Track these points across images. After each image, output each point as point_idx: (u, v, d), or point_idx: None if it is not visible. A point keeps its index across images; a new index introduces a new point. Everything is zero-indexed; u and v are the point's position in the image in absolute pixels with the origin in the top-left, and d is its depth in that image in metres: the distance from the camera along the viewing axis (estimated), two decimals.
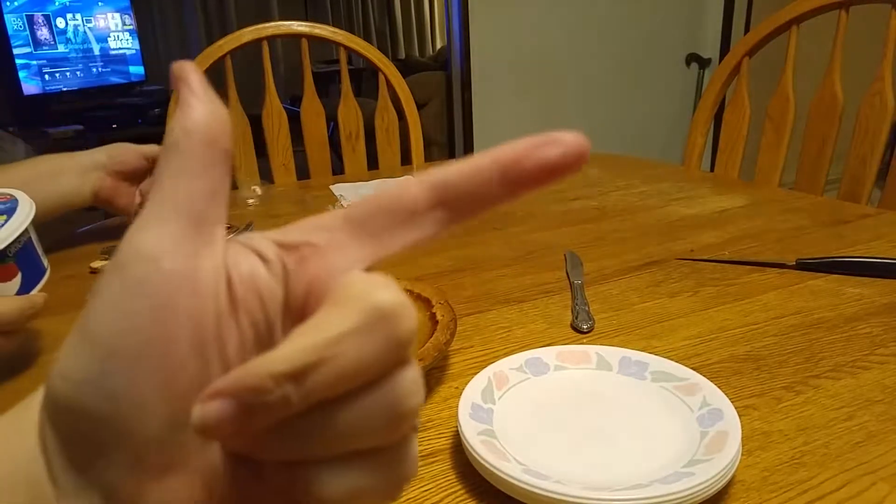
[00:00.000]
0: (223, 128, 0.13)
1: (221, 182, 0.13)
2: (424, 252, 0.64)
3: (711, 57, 2.34)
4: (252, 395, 0.10)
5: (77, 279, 0.61)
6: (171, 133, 0.13)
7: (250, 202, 0.89)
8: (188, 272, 0.12)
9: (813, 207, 0.72)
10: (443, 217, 0.14)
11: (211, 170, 0.13)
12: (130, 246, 0.12)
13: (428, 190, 0.14)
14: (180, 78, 0.13)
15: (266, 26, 0.99)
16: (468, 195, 0.13)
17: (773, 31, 0.86)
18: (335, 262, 0.13)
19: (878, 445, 0.32)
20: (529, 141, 0.13)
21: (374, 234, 0.14)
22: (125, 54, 3.09)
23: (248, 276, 0.13)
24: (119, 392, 0.12)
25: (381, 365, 0.12)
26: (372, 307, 0.12)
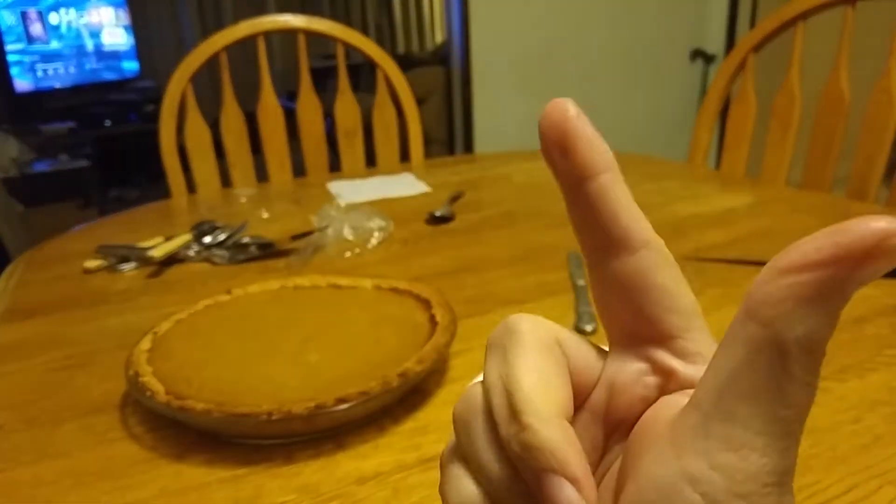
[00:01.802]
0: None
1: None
2: (424, 252, 0.64)
3: (716, 53, 2.33)
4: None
5: (70, 279, 0.61)
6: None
7: (243, 200, 0.88)
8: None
9: (820, 206, 0.72)
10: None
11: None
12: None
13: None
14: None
15: (262, 21, 0.97)
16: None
17: (778, 26, 0.85)
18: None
19: (886, 448, 0.32)
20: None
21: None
22: (119, 50, 3.07)
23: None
24: None
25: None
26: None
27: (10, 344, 0.49)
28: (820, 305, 0.10)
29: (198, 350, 0.41)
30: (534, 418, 0.12)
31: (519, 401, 0.12)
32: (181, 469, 0.33)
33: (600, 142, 0.13)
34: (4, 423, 0.38)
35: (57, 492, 0.32)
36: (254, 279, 0.51)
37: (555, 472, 0.12)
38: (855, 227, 0.10)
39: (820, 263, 0.10)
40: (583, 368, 0.14)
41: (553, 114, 0.13)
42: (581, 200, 0.13)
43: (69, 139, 2.76)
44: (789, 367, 0.10)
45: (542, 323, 0.14)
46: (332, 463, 0.33)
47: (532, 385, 0.13)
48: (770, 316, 0.10)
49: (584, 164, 0.13)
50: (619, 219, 0.13)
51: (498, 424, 0.13)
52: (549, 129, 0.13)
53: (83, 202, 2.63)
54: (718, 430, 0.11)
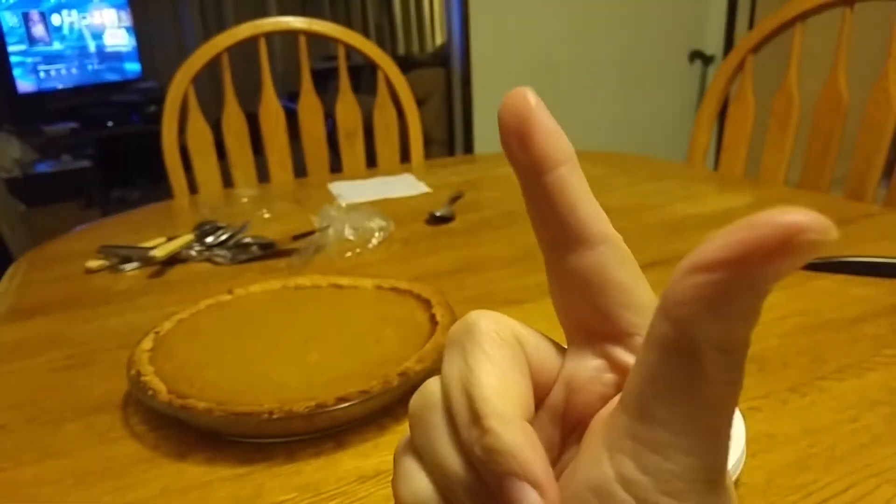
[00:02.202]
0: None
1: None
2: (424, 252, 0.64)
3: (715, 54, 2.33)
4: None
5: (72, 279, 0.61)
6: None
7: (245, 200, 0.88)
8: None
9: (818, 206, 0.70)
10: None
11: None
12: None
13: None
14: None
15: (263, 22, 0.98)
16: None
17: (777, 27, 0.85)
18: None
19: (884, 447, 0.32)
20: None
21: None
22: (121, 51, 3.07)
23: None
24: None
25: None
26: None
27: (12, 343, 0.49)
28: (730, 305, 0.09)
29: (199, 350, 0.41)
30: (495, 421, 0.12)
31: (480, 403, 0.12)
32: (183, 468, 0.34)
33: (559, 133, 0.13)
34: (6, 422, 0.38)
35: (58, 491, 0.32)
36: (255, 279, 0.51)
37: (517, 476, 0.11)
38: (764, 222, 0.09)
39: (725, 262, 0.09)
40: (542, 366, 0.14)
41: (512, 103, 0.12)
42: (539, 193, 0.13)
43: (71, 140, 2.77)
44: (704, 368, 0.10)
45: (502, 320, 0.14)
46: (333, 462, 0.33)
47: (492, 386, 0.12)
48: (679, 316, 0.10)
49: (542, 156, 0.12)
50: (577, 212, 0.13)
51: (458, 426, 0.12)
52: (507, 119, 0.12)
53: (85, 202, 2.63)
54: (642, 433, 0.11)
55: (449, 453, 0.13)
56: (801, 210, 0.09)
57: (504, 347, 0.13)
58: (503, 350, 0.13)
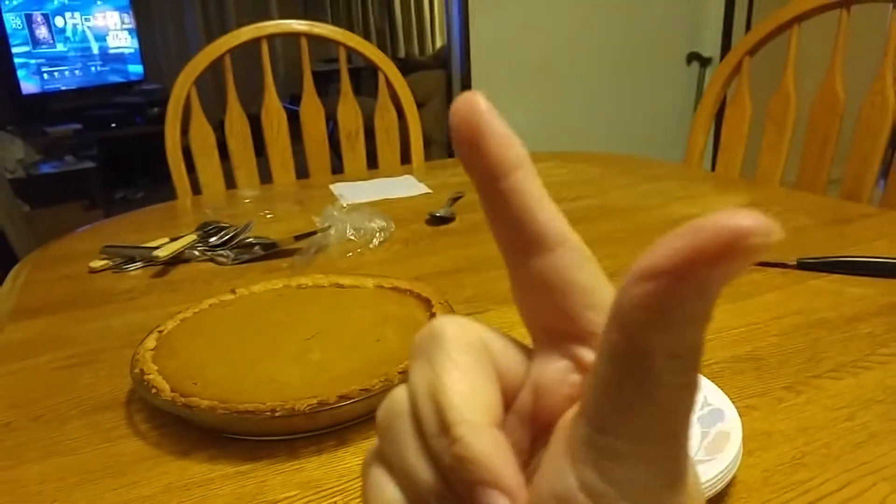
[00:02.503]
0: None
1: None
2: (424, 252, 0.64)
3: (712, 56, 2.33)
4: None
5: (76, 279, 0.61)
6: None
7: (247, 201, 0.89)
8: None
9: (814, 207, 0.72)
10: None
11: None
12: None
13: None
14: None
15: (265, 25, 0.98)
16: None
17: (774, 29, 0.86)
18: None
19: (880, 446, 0.32)
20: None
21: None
22: (124, 53, 3.08)
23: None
24: None
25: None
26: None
27: (16, 342, 0.49)
28: (677, 311, 0.09)
29: (202, 348, 0.41)
30: (464, 428, 0.12)
31: (448, 410, 0.12)
32: (186, 465, 0.34)
33: (512, 137, 0.12)
34: (11, 420, 0.39)
35: (63, 488, 0.33)
36: (258, 279, 0.52)
37: (488, 485, 0.11)
38: (707, 227, 0.09)
39: (670, 270, 0.09)
40: (509, 370, 0.13)
41: (461, 109, 0.12)
42: (495, 199, 0.13)
43: (75, 141, 2.77)
44: (656, 375, 0.10)
45: (468, 325, 0.13)
46: (335, 459, 0.34)
47: (460, 392, 0.12)
48: (627, 324, 0.10)
49: (495, 162, 0.12)
50: (534, 217, 0.12)
51: (427, 435, 0.12)
52: (458, 126, 0.12)
53: (89, 203, 2.64)
54: (601, 442, 0.10)
55: (418, 462, 0.12)
56: (744, 213, 0.09)
57: (471, 353, 0.13)
58: (470, 356, 0.13)
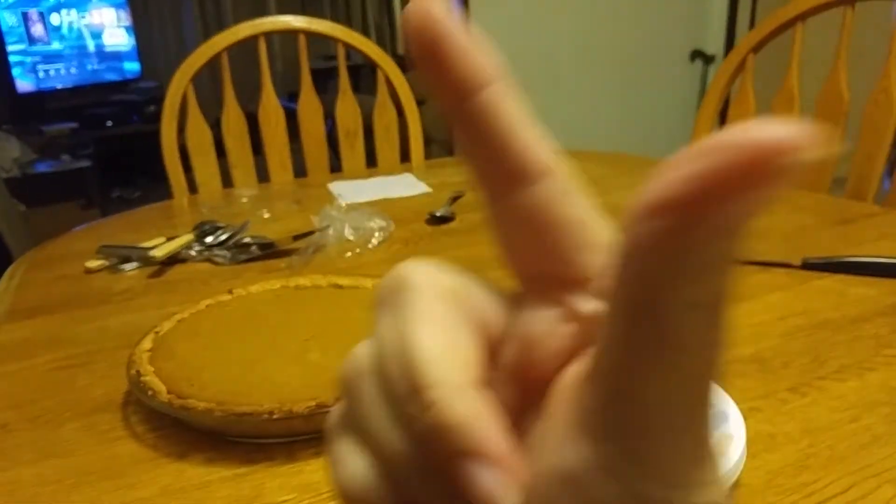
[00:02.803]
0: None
1: None
2: (424, 252, 0.64)
3: (716, 53, 2.34)
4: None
5: (72, 279, 0.61)
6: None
7: (245, 200, 0.88)
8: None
9: (819, 206, 0.72)
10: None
11: None
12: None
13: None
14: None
15: (263, 22, 0.98)
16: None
17: (777, 27, 0.85)
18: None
19: (884, 447, 0.32)
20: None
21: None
22: (120, 51, 3.07)
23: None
24: None
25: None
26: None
27: (12, 343, 0.49)
28: (695, 254, 0.07)
29: (199, 349, 0.41)
30: (440, 391, 0.10)
31: (420, 369, 0.10)
32: (183, 468, 0.34)
33: (480, 48, 0.10)
34: (7, 422, 0.38)
35: (59, 491, 0.32)
36: (255, 279, 0.51)
37: (470, 456, 0.09)
38: (728, 145, 0.07)
39: (685, 202, 0.07)
40: (490, 320, 0.11)
41: (415, 17, 0.10)
42: (465, 122, 0.10)
43: (71, 140, 2.76)
44: (676, 330, 0.08)
45: (439, 269, 0.11)
46: None
47: (433, 349, 0.10)
48: (637, 273, 0.08)
49: (463, 77, 0.10)
50: (512, 142, 0.10)
51: (396, 398, 0.10)
52: (413, 37, 0.10)
53: (85, 202, 2.63)
54: (619, 411, 0.09)
55: (388, 429, 0.11)
56: (774, 124, 0.07)
57: (444, 302, 0.11)
58: (443, 305, 0.11)
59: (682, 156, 0.07)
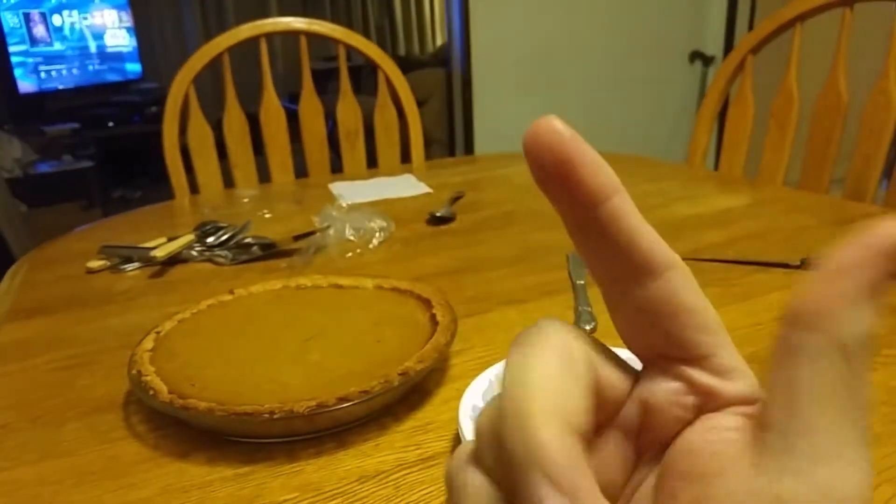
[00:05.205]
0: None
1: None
2: (425, 252, 0.64)
3: (715, 54, 2.33)
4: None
5: (73, 279, 0.61)
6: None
7: (246, 200, 0.89)
8: None
9: (818, 206, 0.72)
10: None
11: None
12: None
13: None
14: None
15: (264, 23, 0.98)
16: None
17: (776, 28, 0.85)
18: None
19: (883, 447, 0.32)
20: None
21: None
22: (122, 52, 3.08)
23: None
24: None
25: None
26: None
27: (13, 343, 0.49)
28: (866, 302, 0.10)
29: (200, 349, 0.41)
30: (537, 419, 0.11)
31: (524, 398, 0.11)
32: (184, 468, 0.34)
33: (603, 162, 0.12)
34: (8, 422, 0.38)
35: (60, 490, 0.33)
36: (256, 279, 0.51)
37: (545, 478, 0.10)
38: (881, 230, 0.10)
39: (859, 265, 0.10)
40: (611, 383, 0.13)
41: (543, 138, 0.11)
42: (591, 230, 0.12)
43: (72, 140, 2.77)
44: (853, 366, 0.10)
45: (574, 331, 0.13)
46: (334, 461, 0.34)
47: (541, 387, 0.11)
48: (826, 320, 0.10)
49: (591, 189, 0.11)
50: (639, 244, 0.12)
51: (501, 424, 0.11)
52: (541, 154, 0.11)
53: (86, 203, 2.63)
54: (803, 445, 0.10)
55: (493, 455, 0.12)
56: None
57: (565, 356, 0.12)
58: (563, 358, 0.12)
59: (846, 241, 0.11)
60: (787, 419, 0.11)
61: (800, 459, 0.10)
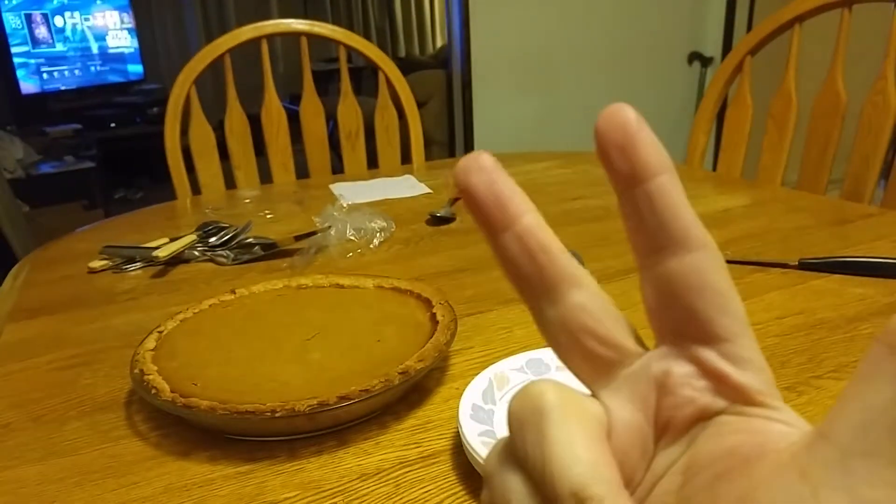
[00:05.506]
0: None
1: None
2: (425, 252, 0.64)
3: (714, 55, 2.34)
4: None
5: (76, 279, 0.61)
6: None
7: (247, 201, 0.89)
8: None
9: (816, 207, 0.72)
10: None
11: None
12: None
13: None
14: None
15: (265, 24, 0.98)
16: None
17: (775, 29, 0.86)
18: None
19: None
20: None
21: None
22: (123, 53, 3.08)
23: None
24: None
25: None
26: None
27: (16, 343, 0.49)
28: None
29: (202, 349, 0.41)
30: (602, 488, 0.11)
31: (581, 483, 0.11)
32: (186, 466, 0.34)
33: (659, 145, 0.14)
34: (11, 421, 0.39)
35: (63, 489, 0.33)
36: (257, 279, 0.52)
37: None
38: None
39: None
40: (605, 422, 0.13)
41: (614, 117, 0.14)
42: (640, 200, 0.13)
43: (74, 141, 2.78)
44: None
45: (564, 388, 0.13)
46: (335, 459, 0.34)
47: (591, 463, 0.12)
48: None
49: (645, 166, 0.13)
50: (679, 218, 0.13)
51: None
52: (610, 132, 0.13)
53: (88, 203, 2.64)
54: (862, 467, 0.10)
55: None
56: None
57: (581, 420, 0.13)
58: (581, 424, 0.12)
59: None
60: (852, 437, 0.11)
61: (853, 478, 0.10)
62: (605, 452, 0.12)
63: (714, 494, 0.12)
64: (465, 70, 2.09)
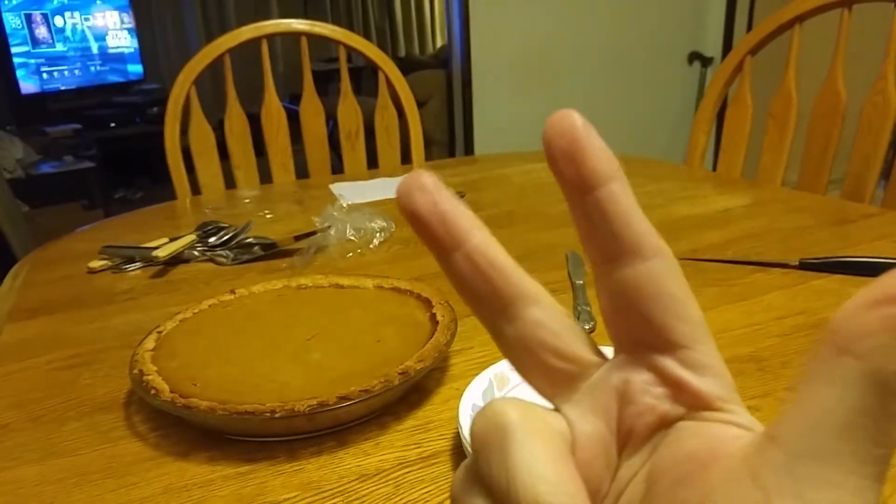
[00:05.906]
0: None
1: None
2: (425, 252, 0.64)
3: (714, 55, 2.34)
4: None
5: (75, 279, 0.61)
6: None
7: (247, 201, 0.89)
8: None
9: (816, 207, 0.72)
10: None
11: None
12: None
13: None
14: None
15: (265, 24, 0.98)
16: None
17: (775, 29, 0.86)
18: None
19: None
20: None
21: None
22: (123, 53, 3.08)
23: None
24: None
25: None
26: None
27: (15, 343, 0.49)
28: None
29: (201, 349, 0.41)
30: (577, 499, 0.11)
31: (544, 493, 0.11)
32: (185, 467, 0.34)
33: (608, 151, 0.13)
34: (10, 421, 0.39)
35: (62, 489, 0.33)
36: (257, 279, 0.52)
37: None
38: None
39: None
40: (567, 434, 0.13)
41: (560, 124, 0.13)
42: (590, 209, 0.13)
43: (74, 141, 2.78)
44: (887, 404, 0.10)
45: (526, 405, 0.13)
46: (335, 460, 0.34)
47: (557, 483, 0.12)
48: (866, 349, 0.10)
49: (593, 173, 0.13)
50: (631, 226, 0.13)
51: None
52: (555, 138, 0.13)
53: (88, 203, 2.64)
54: (808, 470, 0.10)
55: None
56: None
57: (544, 438, 0.13)
58: (545, 442, 0.12)
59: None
60: (797, 440, 0.10)
61: (800, 483, 0.10)
62: (570, 468, 0.12)
63: (674, 499, 0.12)
64: (465, 70, 2.09)
